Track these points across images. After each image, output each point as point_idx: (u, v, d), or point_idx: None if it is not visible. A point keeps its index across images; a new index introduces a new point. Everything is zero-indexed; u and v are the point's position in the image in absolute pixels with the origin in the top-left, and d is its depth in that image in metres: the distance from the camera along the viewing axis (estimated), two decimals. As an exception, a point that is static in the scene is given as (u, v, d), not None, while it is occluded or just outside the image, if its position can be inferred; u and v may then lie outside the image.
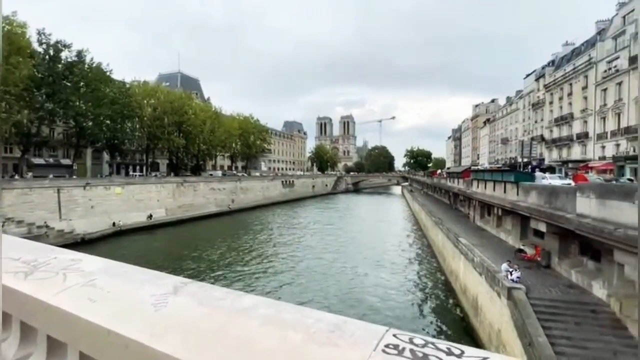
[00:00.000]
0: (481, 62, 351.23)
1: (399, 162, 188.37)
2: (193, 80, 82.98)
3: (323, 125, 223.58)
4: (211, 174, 61.50)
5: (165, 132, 50.63)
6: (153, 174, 54.05)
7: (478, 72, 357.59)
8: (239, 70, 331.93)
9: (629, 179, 23.07)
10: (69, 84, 37.11)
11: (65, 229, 30.18)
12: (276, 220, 47.12)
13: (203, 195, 50.44)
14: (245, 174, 74.01)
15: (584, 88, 41.21)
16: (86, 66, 39.07)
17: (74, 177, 39.03)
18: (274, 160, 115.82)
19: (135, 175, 50.48)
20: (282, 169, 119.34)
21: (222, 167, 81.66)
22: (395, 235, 35.95)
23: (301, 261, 25.50)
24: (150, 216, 39.61)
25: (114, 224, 35.11)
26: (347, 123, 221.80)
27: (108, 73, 41.59)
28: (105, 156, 51.76)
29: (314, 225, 42.89)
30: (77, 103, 38.29)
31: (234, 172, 74.49)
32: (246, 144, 74.92)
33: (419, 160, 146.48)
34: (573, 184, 17.84)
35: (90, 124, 39.81)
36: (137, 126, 50.75)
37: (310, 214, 54.53)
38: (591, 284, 11.77)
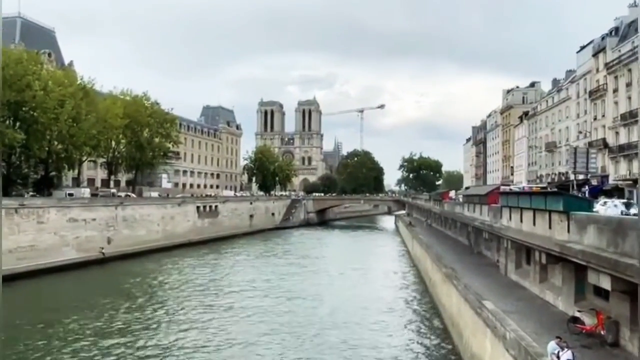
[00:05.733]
0: (505, 26, 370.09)
1: (391, 177, 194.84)
2: (44, 31, 79.90)
3: (269, 114, 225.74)
4: (71, 194, 58.88)
5: (-11, 119, 47.82)
6: (-37, 192, 50.45)
7: (502, 41, 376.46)
8: (127, 24, 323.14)
9: None
10: None
11: None
12: (181, 281, 45.35)
13: (55, 230, 48.42)
14: (133, 194, 72.02)
15: (638, 80, 45.58)
16: None
17: None
18: (186, 172, 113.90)
19: None
20: (199, 186, 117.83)
21: (92, 181, 78.73)
22: (381, 310, 35.21)
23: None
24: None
25: None
26: (308, 112, 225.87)
27: None
28: None
29: (248, 290, 41.87)
30: None
31: (114, 190, 71.80)
32: (136, 143, 73.00)
33: (423, 174, 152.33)
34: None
35: None
36: (-64, 107, 47.42)
37: (242, 268, 53.67)
38: (677, 370, 12.54)
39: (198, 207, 77.16)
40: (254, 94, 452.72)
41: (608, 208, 22.32)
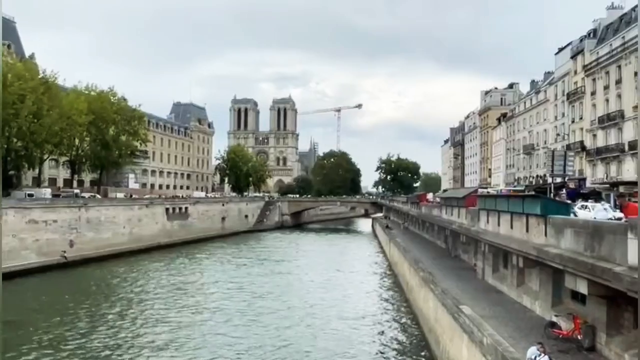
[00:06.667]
0: (485, 27, 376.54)
1: (369, 179, 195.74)
2: (4, 21, 77.86)
3: (242, 112, 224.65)
4: (31, 194, 57.55)
5: (-58, 113, 46.32)
6: None
7: (481, 42, 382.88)
8: (92, 16, 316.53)
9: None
10: None
11: None
12: (146, 288, 44.38)
13: (13, 232, 47.62)
14: (98, 195, 71.08)
15: (637, 74, 46.84)
16: None
17: None
18: (154, 172, 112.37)
19: None
20: (169, 186, 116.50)
21: (53, 181, 77.46)
22: (357, 315, 35.43)
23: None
24: None
25: None
26: (283, 111, 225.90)
27: None
28: None
29: (215, 293, 41.83)
30: None
31: (77, 190, 70.40)
32: (102, 141, 71.80)
33: (401, 176, 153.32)
34: (624, 217, 19.56)
35: None
36: None
37: (213, 274, 53.04)
38: (654, 376, 12.70)
39: (167, 209, 76.40)
40: (226, 91, 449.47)
41: (598, 211, 22.59)
